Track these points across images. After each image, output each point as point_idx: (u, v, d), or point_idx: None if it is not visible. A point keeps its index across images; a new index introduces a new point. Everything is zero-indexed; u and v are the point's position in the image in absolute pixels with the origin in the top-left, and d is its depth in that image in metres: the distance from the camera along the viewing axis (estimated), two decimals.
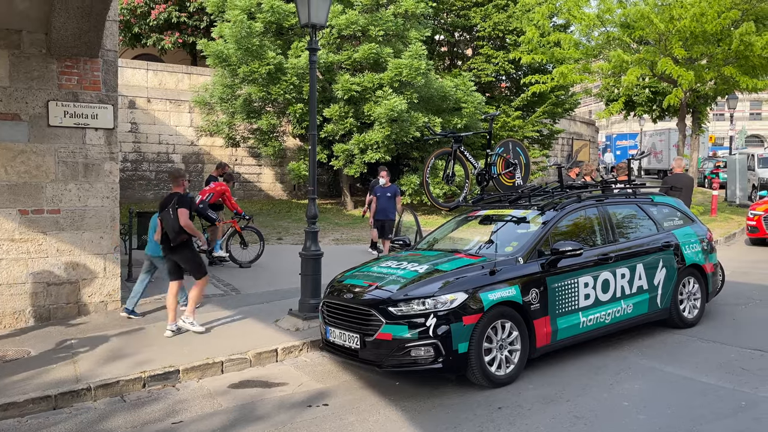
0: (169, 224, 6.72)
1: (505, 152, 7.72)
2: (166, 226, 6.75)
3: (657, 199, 7.46)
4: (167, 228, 6.75)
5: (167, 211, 6.74)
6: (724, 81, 16.87)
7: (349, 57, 16.28)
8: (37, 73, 7.30)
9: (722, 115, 42.16)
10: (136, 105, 17.95)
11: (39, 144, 7.34)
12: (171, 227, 6.71)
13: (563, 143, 30.81)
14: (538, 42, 17.29)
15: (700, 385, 5.16)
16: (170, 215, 6.72)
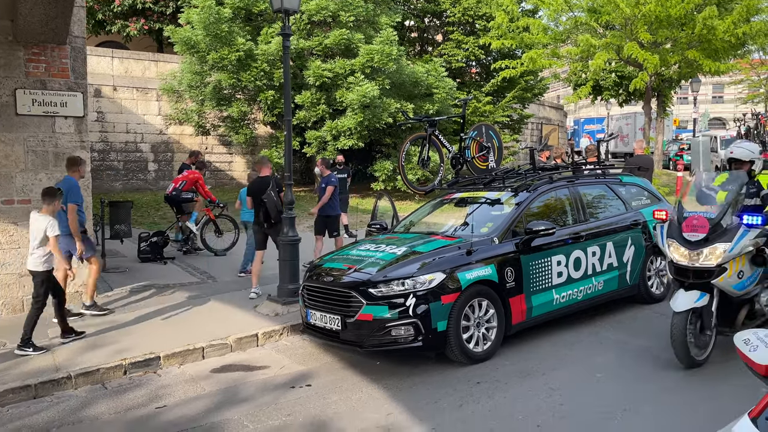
0: (272, 204, 7.65)
1: (478, 136, 7.84)
2: (269, 206, 7.64)
3: (625, 179, 7.68)
4: (270, 208, 7.65)
5: (269, 194, 7.66)
6: (688, 64, 17.31)
7: (320, 43, 16.19)
8: (3, 60, 7.13)
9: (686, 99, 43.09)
10: (101, 93, 17.59)
11: (7, 133, 7.19)
12: (274, 207, 7.65)
13: (533, 128, 31.19)
14: (508, 27, 17.47)
15: (666, 355, 5.37)
16: (273, 197, 7.66)
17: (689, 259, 4.87)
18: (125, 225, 9.81)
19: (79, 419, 4.72)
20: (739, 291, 4.91)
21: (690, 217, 5.01)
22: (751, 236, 4.82)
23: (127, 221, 9.94)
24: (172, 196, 10.66)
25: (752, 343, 2.31)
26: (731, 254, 4.75)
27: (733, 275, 4.81)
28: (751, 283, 4.98)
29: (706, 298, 4.88)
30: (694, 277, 4.87)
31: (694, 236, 4.89)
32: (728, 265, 4.78)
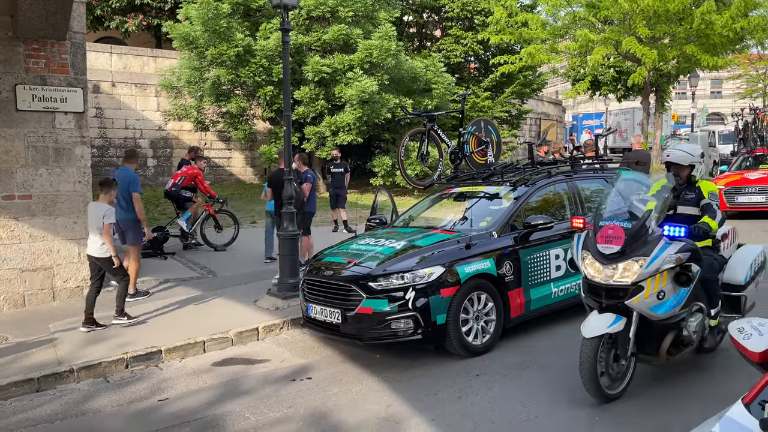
0: (297, 195, 7.99)
1: (477, 131, 7.88)
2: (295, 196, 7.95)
3: (623, 174, 7.71)
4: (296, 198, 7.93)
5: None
6: (686, 59, 17.34)
7: (319, 38, 16.20)
8: (3, 56, 7.15)
9: (684, 94, 43.17)
10: (100, 89, 17.58)
11: (7, 129, 7.22)
12: (298, 197, 8.04)
13: (531, 123, 31.21)
14: (506, 22, 17.50)
15: None
16: (296, 188, 7.97)
17: (603, 276, 4.18)
18: None
19: (82, 412, 4.77)
20: (660, 314, 4.16)
21: (605, 227, 4.29)
22: (672, 250, 4.13)
23: None
24: (171, 191, 10.69)
25: (746, 332, 2.36)
26: (647, 271, 4.06)
27: (651, 296, 4.10)
28: (676, 305, 4.21)
29: (622, 322, 4.17)
30: (608, 297, 4.20)
31: (609, 248, 4.18)
32: (645, 284, 4.08)
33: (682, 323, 4.34)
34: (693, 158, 4.81)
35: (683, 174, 4.83)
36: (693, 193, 4.81)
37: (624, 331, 4.22)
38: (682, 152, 4.85)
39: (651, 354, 4.41)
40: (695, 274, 4.27)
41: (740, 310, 4.85)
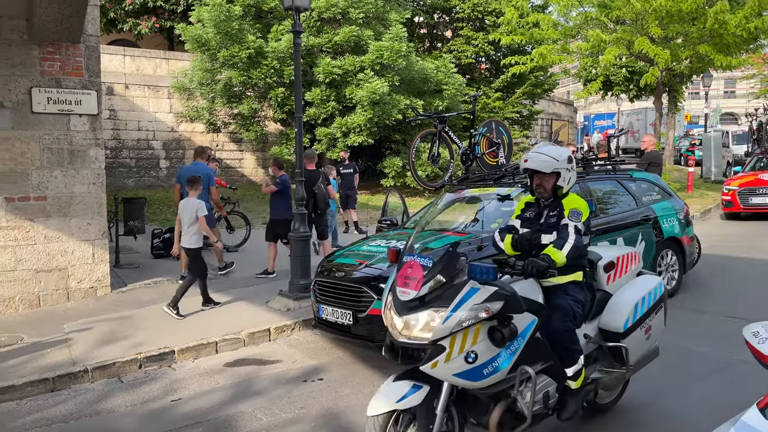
0: (322, 196, 8.45)
1: (488, 132, 7.86)
2: (320, 197, 8.41)
3: (636, 174, 7.68)
4: (320, 199, 8.42)
5: (319, 186, 8.44)
6: (699, 59, 17.17)
7: (330, 40, 16.25)
8: (19, 59, 7.24)
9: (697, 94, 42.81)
10: (114, 91, 17.75)
11: (23, 131, 7.31)
12: (323, 198, 8.45)
13: (543, 124, 31.11)
14: (518, 23, 17.42)
15: (678, 349, 5.39)
16: (323, 189, 8.55)
17: (397, 330, 3.21)
18: (138, 221, 9.92)
19: (97, 412, 4.81)
20: (473, 382, 3.17)
21: (405, 264, 3.31)
22: (478, 299, 3.14)
23: (140, 218, 10.04)
24: None
25: (761, 336, 2.34)
26: (446, 326, 3.08)
27: (457, 359, 3.10)
28: (494, 371, 3.21)
29: (421, 392, 3.16)
30: (404, 359, 3.24)
31: (405, 294, 3.23)
32: (448, 343, 3.10)
33: (515, 394, 3.32)
34: (558, 163, 3.70)
35: (547, 185, 3.77)
36: (555, 213, 3.76)
37: (423, 404, 3.14)
38: (543, 156, 3.73)
39: (483, 425, 3.40)
40: (516, 328, 3.22)
41: (624, 362, 3.85)
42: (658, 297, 4.08)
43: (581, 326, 3.77)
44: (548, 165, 3.71)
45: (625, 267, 4.12)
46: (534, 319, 3.43)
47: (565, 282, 3.67)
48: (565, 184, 3.78)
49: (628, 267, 4.15)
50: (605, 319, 3.88)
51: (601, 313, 3.91)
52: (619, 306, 3.89)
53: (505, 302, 3.18)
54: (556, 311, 3.57)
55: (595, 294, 3.93)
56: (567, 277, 3.68)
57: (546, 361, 3.52)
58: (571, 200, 3.77)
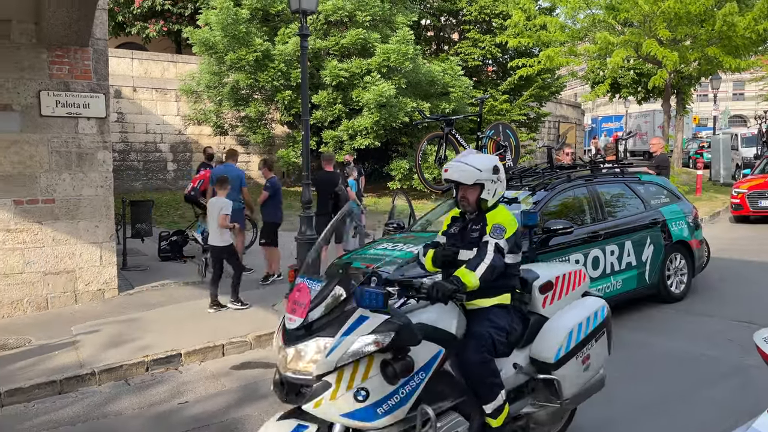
0: (344, 197, 8.67)
1: (495, 135, 7.85)
2: (342, 198, 8.59)
3: (644, 177, 7.64)
4: (342, 200, 8.53)
5: (341, 187, 8.78)
6: (708, 62, 17.10)
7: (337, 43, 16.27)
8: (28, 63, 7.28)
9: (706, 96, 42.59)
10: (122, 94, 17.82)
11: (32, 134, 7.34)
12: (345, 199, 8.56)
13: (550, 126, 31.00)
14: (525, 25, 17.40)
15: (687, 355, 5.36)
16: (344, 190, 8.90)
17: (282, 362, 2.92)
18: (146, 224, 9.96)
19: (104, 414, 4.82)
20: (366, 423, 2.79)
21: (296, 286, 3.00)
22: (365, 329, 2.79)
23: (148, 220, 10.09)
24: (191, 195, 10.79)
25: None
26: (330, 359, 2.74)
27: (344, 396, 2.76)
28: (391, 410, 2.83)
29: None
30: (288, 396, 2.86)
31: (291, 321, 2.91)
32: (334, 378, 2.77)
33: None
34: (480, 174, 3.35)
35: (470, 197, 3.41)
36: (477, 228, 3.40)
37: None
38: (464, 166, 3.38)
39: None
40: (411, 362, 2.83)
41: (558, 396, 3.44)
42: (600, 322, 3.63)
43: (511, 354, 3.38)
44: (469, 176, 3.34)
45: (566, 287, 3.68)
46: (439, 350, 3.04)
47: (489, 305, 3.31)
48: (490, 197, 3.39)
49: (571, 287, 3.71)
50: (536, 347, 3.45)
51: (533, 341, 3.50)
52: (551, 333, 3.46)
53: (396, 333, 2.77)
54: (472, 340, 3.18)
55: (528, 318, 3.51)
56: (491, 300, 3.31)
57: (458, 397, 3.13)
58: (496, 214, 3.39)
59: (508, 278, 3.39)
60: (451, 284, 3.04)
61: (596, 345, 3.62)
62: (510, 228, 3.32)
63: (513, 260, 3.38)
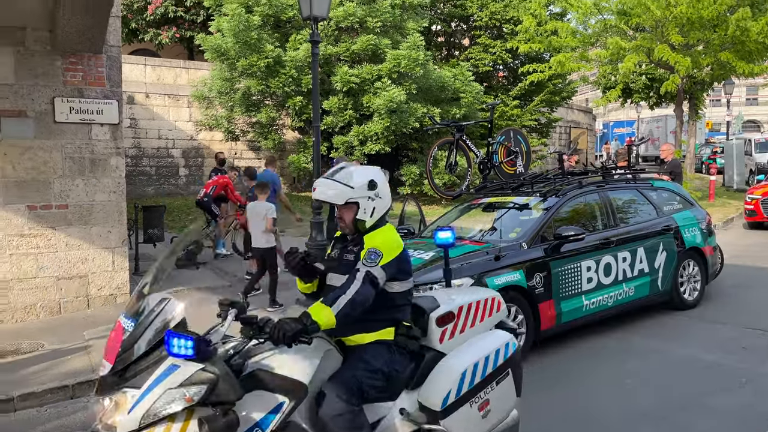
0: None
1: (506, 141, 7.83)
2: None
3: (656, 183, 7.58)
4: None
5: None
6: (721, 67, 16.97)
7: (348, 49, 16.32)
8: (42, 69, 7.36)
9: (719, 101, 42.26)
10: (134, 100, 17.97)
11: (46, 140, 7.42)
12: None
13: (561, 131, 30.89)
14: (535, 31, 17.35)
15: (701, 363, 5.30)
16: None
17: (95, 412, 2.59)
18: (158, 229, 10.01)
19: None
20: None
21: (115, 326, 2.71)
22: (174, 381, 2.38)
23: (160, 225, 10.14)
24: (203, 201, 10.85)
25: None
26: (133, 416, 2.35)
27: None
28: None
29: None
30: None
31: (103, 367, 2.59)
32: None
33: None
34: (352, 192, 2.93)
35: (346, 217, 3.02)
36: (356, 251, 3.01)
37: None
38: (333, 183, 2.95)
39: None
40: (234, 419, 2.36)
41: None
42: (504, 360, 3.16)
43: (398, 398, 2.95)
44: (339, 195, 2.93)
45: (472, 319, 3.21)
46: (280, 403, 2.58)
47: (367, 342, 2.90)
48: (367, 217, 2.97)
49: (478, 318, 3.24)
50: (424, 391, 2.96)
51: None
52: (441, 375, 2.97)
53: (208, 387, 2.35)
54: (331, 387, 2.72)
55: (423, 354, 3.04)
56: (371, 336, 2.91)
57: None
58: (374, 237, 2.96)
59: (391, 310, 2.97)
60: (298, 323, 2.59)
61: (498, 388, 3.13)
62: (389, 252, 2.89)
63: (399, 288, 2.99)
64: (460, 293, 3.52)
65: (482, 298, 3.32)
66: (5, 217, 7.22)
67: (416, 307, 3.15)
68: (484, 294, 3.41)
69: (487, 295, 3.37)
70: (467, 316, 3.20)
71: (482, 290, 3.66)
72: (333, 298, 2.75)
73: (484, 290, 3.65)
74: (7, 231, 7.25)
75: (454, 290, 3.76)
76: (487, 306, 3.31)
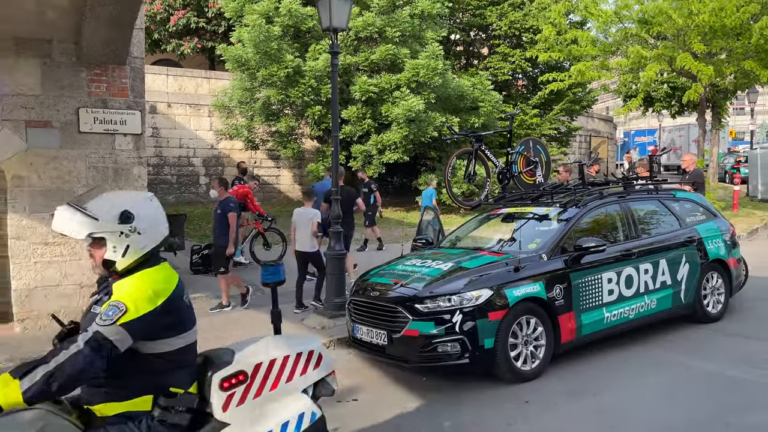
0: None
1: (525, 150, 7.80)
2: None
3: (679, 194, 7.48)
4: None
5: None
6: (744, 75, 16.76)
7: (367, 58, 16.41)
8: (68, 81, 7.50)
9: (742, 110, 41.64)
10: (156, 110, 18.23)
11: (70, 150, 7.55)
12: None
13: (581, 140, 30.68)
14: (555, 40, 17.29)
15: (725, 378, 5.20)
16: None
17: None
18: (178, 237, 10.12)
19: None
20: None
21: None
22: None
23: (180, 234, 10.25)
24: None
25: None
26: None
27: None
28: None
29: None
30: None
31: None
32: None
33: None
34: (98, 224, 2.41)
35: (96, 255, 2.50)
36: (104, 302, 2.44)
37: None
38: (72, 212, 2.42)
39: None
40: None
41: None
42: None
43: None
44: (79, 226, 2.39)
45: (273, 379, 2.66)
46: None
47: (113, 413, 2.37)
48: (119, 257, 2.44)
49: (283, 379, 2.69)
50: None
51: None
52: None
53: None
54: None
55: (198, 427, 2.48)
56: (119, 406, 2.37)
57: None
58: (123, 285, 2.40)
59: (149, 375, 2.41)
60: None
61: None
62: (139, 306, 2.31)
63: (165, 348, 2.43)
64: (275, 345, 2.81)
65: (295, 352, 2.73)
66: (30, 225, 7.35)
67: (206, 364, 2.60)
68: (301, 346, 2.81)
69: (303, 348, 2.78)
70: (267, 376, 2.63)
71: (303, 341, 2.96)
72: (28, 369, 2.16)
73: (305, 341, 2.97)
74: (32, 239, 7.37)
75: (275, 339, 2.95)
76: (299, 362, 2.74)
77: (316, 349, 2.83)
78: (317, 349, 2.83)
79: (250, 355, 2.65)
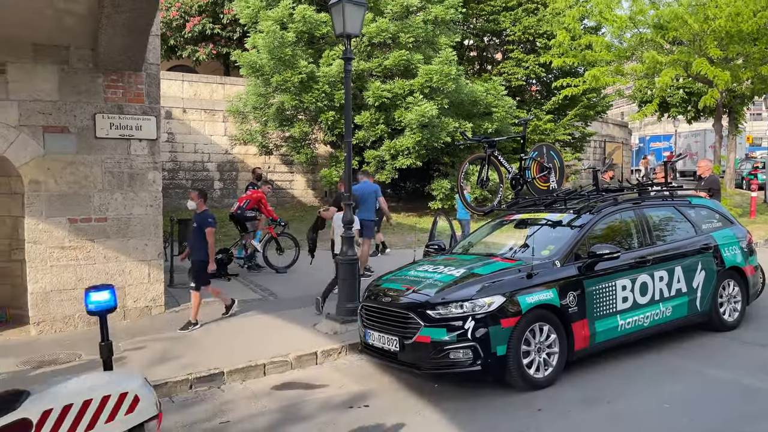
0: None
1: (539, 156, 7.76)
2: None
3: (695, 201, 7.40)
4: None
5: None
6: (761, 80, 16.56)
7: (380, 64, 16.44)
8: (85, 87, 7.60)
9: (759, 115, 41.14)
10: (172, 115, 18.39)
11: (86, 155, 7.64)
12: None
13: (596, 146, 30.46)
14: (569, 45, 17.21)
15: (741, 387, 5.13)
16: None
17: None
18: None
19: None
20: None
21: None
22: None
23: None
24: (236, 214, 11.01)
25: None
26: None
27: None
28: None
29: None
30: None
31: None
32: None
33: None
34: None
35: None
36: None
37: None
38: None
39: None
40: None
41: None
42: None
43: None
44: None
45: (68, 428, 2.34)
46: None
47: None
48: None
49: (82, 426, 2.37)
50: None
51: None
52: None
53: None
54: None
55: None
56: None
57: None
58: None
59: None
60: None
61: None
62: None
63: None
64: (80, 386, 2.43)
65: (101, 395, 2.34)
66: (47, 229, 7.45)
67: None
68: (112, 387, 2.40)
69: (113, 390, 2.39)
70: (59, 424, 2.26)
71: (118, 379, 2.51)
72: None
73: (121, 379, 2.53)
74: (49, 243, 7.46)
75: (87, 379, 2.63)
76: (105, 407, 2.37)
77: (132, 390, 2.39)
78: (133, 391, 2.39)
79: (47, 398, 2.21)
